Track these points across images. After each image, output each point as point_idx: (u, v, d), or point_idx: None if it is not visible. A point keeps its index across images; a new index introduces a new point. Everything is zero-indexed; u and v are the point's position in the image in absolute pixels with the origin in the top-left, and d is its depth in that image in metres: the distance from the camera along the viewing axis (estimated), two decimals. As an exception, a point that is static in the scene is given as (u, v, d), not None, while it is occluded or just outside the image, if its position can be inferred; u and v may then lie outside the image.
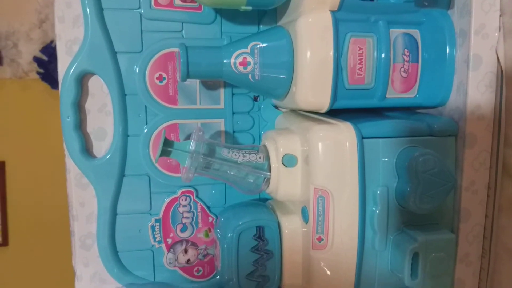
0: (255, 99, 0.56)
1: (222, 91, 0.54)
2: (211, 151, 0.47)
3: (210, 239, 0.56)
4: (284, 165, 0.46)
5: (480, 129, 0.46)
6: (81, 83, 0.51)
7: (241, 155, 0.47)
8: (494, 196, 0.47)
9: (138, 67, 0.51)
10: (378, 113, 0.52)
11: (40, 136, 1.37)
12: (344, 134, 0.43)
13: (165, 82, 0.52)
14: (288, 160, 0.46)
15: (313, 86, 0.45)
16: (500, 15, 0.45)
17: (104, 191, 0.53)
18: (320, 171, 0.43)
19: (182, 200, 0.55)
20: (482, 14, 0.45)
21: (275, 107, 0.57)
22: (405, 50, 0.47)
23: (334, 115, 0.48)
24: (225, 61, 0.46)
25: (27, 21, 1.30)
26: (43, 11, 1.30)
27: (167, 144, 0.46)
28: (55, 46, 0.51)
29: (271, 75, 0.46)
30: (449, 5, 0.49)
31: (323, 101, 0.45)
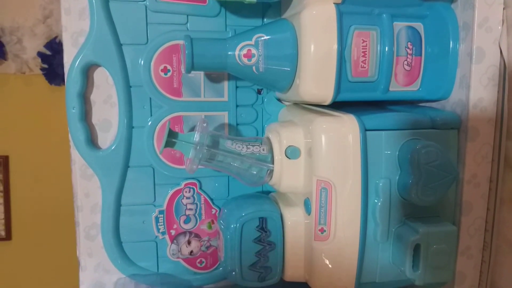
0: (258, 92, 0.56)
1: (226, 84, 0.55)
2: (215, 143, 0.47)
3: (213, 230, 0.57)
4: (287, 157, 0.47)
5: (482, 122, 0.46)
6: (87, 74, 0.52)
7: (244, 147, 0.48)
8: (496, 189, 0.48)
9: (143, 59, 0.52)
10: (381, 106, 0.53)
11: (43, 131, 1.38)
12: (347, 126, 0.44)
13: (169, 74, 0.53)
14: (291, 152, 0.47)
15: (316, 79, 0.45)
16: (504, 8, 0.45)
17: (108, 182, 0.53)
18: (323, 163, 0.43)
19: (186, 192, 0.56)
20: (485, 7, 0.45)
21: (279, 100, 0.57)
22: (409, 43, 0.47)
23: (337, 108, 0.48)
24: (229, 53, 0.47)
25: (31, 16, 1.30)
26: (47, 6, 1.30)
27: (172, 135, 0.46)
28: (59, 42, 0.52)
29: (275, 67, 0.47)
30: (452, -2, 0.49)
31: (326, 94, 0.45)
